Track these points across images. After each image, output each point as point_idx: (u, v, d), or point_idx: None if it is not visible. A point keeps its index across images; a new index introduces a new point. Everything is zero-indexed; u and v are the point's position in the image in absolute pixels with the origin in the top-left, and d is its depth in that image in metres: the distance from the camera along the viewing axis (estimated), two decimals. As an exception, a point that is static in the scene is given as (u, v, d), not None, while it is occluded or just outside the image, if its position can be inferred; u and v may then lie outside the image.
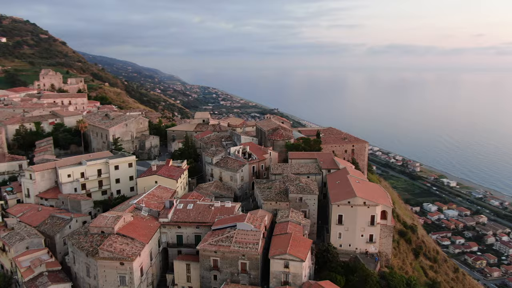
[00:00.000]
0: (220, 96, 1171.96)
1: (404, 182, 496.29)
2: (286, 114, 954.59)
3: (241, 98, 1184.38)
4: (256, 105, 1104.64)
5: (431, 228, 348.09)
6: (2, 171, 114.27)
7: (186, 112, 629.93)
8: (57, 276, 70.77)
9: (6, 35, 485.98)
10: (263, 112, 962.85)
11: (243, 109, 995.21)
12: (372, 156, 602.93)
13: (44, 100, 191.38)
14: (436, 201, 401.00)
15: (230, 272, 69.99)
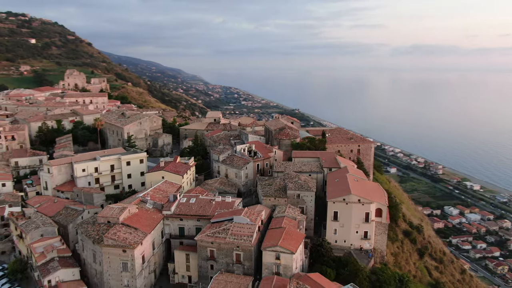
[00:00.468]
0: (242, 96, 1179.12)
1: (425, 184, 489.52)
2: (307, 115, 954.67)
3: (262, 98, 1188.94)
4: (277, 105, 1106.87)
5: (451, 232, 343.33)
6: (24, 165, 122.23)
7: (207, 111, 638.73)
8: (67, 261, 76.67)
9: (35, 36, 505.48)
10: (284, 112, 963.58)
11: (264, 109, 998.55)
12: (393, 158, 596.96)
13: (67, 99, 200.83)
14: (458, 205, 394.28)
15: (225, 262, 74.21)
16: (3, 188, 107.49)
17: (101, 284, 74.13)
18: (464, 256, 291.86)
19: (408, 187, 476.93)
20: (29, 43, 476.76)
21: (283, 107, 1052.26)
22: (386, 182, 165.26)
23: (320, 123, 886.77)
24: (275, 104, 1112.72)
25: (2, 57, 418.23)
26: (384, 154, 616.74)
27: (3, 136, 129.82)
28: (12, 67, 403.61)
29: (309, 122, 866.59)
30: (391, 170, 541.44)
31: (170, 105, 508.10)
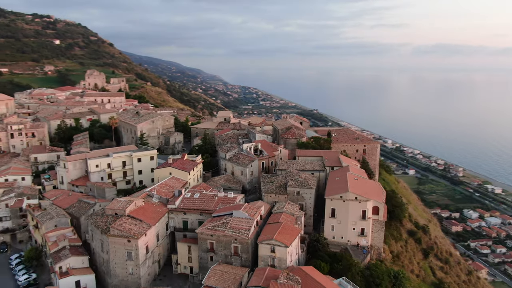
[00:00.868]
0: (260, 96, 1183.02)
1: (444, 187, 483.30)
2: (325, 115, 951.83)
3: (281, 98, 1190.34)
4: (295, 105, 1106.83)
5: (470, 235, 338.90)
6: (42, 161, 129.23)
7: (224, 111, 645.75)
8: (77, 250, 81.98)
9: (59, 37, 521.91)
10: (302, 112, 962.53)
11: (282, 109, 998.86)
12: (412, 159, 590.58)
13: (86, 98, 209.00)
14: (478, 208, 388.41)
15: (224, 254, 78.10)
16: (22, 181, 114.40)
17: (108, 272, 79.15)
18: (482, 260, 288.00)
19: (426, 190, 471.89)
20: (53, 44, 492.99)
21: (302, 107, 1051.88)
22: (394, 183, 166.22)
23: (338, 124, 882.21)
24: (294, 104, 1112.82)
25: (28, 57, 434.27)
26: (402, 155, 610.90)
27: (24, 133, 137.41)
28: (37, 67, 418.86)
29: (327, 123, 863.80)
30: (409, 172, 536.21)
31: (189, 105, 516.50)
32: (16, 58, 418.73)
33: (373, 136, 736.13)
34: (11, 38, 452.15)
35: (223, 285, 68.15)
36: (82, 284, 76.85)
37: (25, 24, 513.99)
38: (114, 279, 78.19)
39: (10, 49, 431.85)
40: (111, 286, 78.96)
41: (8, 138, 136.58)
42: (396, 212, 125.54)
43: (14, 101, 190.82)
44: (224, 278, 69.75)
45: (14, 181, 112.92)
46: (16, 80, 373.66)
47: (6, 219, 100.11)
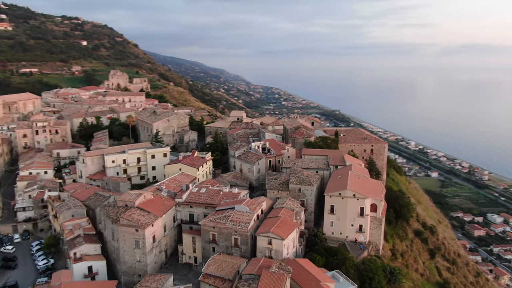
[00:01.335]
0: (282, 97, 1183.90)
1: (468, 190, 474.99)
2: (347, 116, 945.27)
3: (303, 99, 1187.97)
4: (317, 106, 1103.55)
5: (493, 240, 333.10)
6: (64, 156, 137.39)
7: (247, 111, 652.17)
8: (91, 238, 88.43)
9: (87, 38, 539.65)
10: (324, 113, 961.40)
11: (304, 110, 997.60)
12: (435, 162, 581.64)
13: (108, 97, 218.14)
14: (503, 212, 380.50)
15: (225, 246, 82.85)
16: (45, 175, 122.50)
17: (118, 259, 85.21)
18: (505, 265, 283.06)
19: (449, 193, 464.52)
20: (81, 45, 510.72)
21: (324, 108, 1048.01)
22: (405, 183, 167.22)
23: (360, 125, 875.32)
24: (316, 104, 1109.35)
25: (57, 58, 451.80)
26: (426, 157, 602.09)
27: (47, 130, 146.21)
28: (65, 67, 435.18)
29: (349, 124, 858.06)
30: (432, 174, 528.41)
31: (210, 105, 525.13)
32: (45, 58, 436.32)
33: (395, 137, 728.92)
34: (41, 40, 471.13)
35: (221, 273, 72.89)
36: (94, 270, 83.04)
37: (54, 26, 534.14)
38: (123, 265, 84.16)
39: (40, 50, 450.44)
40: (120, 272, 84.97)
41: (33, 135, 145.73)
42: (402, 212, 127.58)
43: (41, 100, 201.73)
44: (222, 267, 74.48)
45: (37, 174, 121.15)
46: (45, 80, 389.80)
47: (29, 209, 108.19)
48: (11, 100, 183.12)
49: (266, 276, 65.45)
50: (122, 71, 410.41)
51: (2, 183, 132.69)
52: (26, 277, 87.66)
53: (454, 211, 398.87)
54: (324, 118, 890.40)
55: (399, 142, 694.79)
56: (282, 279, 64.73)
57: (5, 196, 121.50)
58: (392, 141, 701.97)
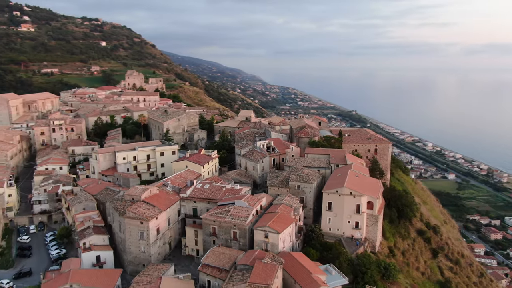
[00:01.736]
0: (299, 97, 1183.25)
1: (486, 193, 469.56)
2: (364, 117, 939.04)
3: (320, 99, 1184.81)
4: (334, 106, 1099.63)
5: (510, 244, 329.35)
6: (79, 153, 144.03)
7: (262, 111, 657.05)
8: (100, 229, 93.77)
9: (106, 39, 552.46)
10: (341, 113, 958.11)
11: (320, 110, 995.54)
12: (452, 163, 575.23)
13: (123, 97, 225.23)
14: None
15: (225, 239, 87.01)
16: (60, 170, 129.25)
17: (124, 249, 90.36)
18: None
19: (466, 195, 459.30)
20: (100, 46, 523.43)
21: (340, 108, 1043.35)
22: (410, 183, 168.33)
23: (377, 126, 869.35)
24: (332, 105, 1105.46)
25: (77, 58, 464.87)
26: (443, 159, 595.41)
27: (64, 128, 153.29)
28: (84, 67, 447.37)
29: (366, 124, 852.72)
30: (449, 176, 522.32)
31: (225, 104, 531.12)
32: (66, 59, 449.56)
33: (412, 138, 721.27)
34: (62, 41, 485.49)
35: (218, 263, 77.08)
36: (101, 259, 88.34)
37: (75, 27, 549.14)
38: (129, 255, 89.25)
39: (61, 50, 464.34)
40: (126, 262, 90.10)
41: (50, 132, 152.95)
42: (405, 211, 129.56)
43: (59, 99, 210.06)
44: (220, 258, 78.65)
45: (53, 169, 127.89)
46: (65, 79, 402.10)
47: (44, 202, 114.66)
48: (31, 99, 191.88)
49: (258, 267, 69.30)
50: (139, 71, 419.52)
51: (20, 177, 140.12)
52: (40, 265, 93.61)
53: (470, 214, 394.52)
54: (340, 119, 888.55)
55: (416, 144, 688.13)
56: (274, 270, 68.45)
57: (23, 190, 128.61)
58: (408, 142, 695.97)
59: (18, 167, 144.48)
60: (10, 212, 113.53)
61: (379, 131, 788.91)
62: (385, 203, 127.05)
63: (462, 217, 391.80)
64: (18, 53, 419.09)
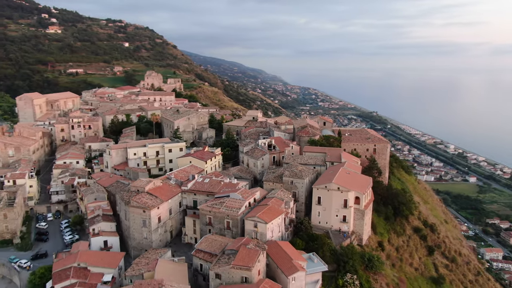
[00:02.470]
0: (319, 97, 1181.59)
1: (508, 196, 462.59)
2: (385, 118, 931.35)
3: (340, 100, 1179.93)
4: (355, 107, 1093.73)
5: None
6: (95, 149, 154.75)
7: (281, 112, 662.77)
8: (108, 217, 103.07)
9: (129, 40, 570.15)
10: (361, 114, 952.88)
11: (340, 111, 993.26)
12: (474, 166, 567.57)
13: (140, 97, 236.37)
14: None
15: (219, 228, 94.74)
16: (77, 164, 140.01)
17: (129, 236, 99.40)
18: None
19: (487, 199, 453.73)
20: (123, 47, 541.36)
21: (361, 109, 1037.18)
22: (412, 183, 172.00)
23: (398, 127, 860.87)
24: (353, 106, 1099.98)
25: (100, 59, 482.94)
26: (464, 161, 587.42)
27: (82, 125, 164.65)
28: (107, 68, 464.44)
29: (386, 126, 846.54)
30: (470, 179, 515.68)
31: (244, 105, 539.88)
32: (90, 59, 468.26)
33: (434, 140, 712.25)
34: (87, 42, 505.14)
35: (210, 249, 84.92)
36: (109, 244, 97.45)
37: (99, 28, 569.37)
38: (133, 241, 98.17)
39: (85, 51, 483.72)
40: (131, 247, 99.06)
41: (69, 129, 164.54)
42: (401, 209, 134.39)
43: (80, 98, 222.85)
44: (212, 244, 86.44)
45: (70, 163, 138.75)
46: (89, 79, 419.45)
47: (61, 193, 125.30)
48: (54, 98, 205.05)
49: (243, 251, 76.66)
50: (160, 71, 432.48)
51: (41, 170, 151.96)
52: (55, 248, 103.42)
53: (490, 218, 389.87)
54: (360, 120, 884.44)
55: (437, 146, 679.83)
56: (256, 254, 75.64)
57: (43, 181, 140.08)
58: (430, 144, 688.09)
59: (40, 161, 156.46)
60: (30, 201, 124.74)
61: (399, 133, 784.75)
62: (382, 200, 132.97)
63: (481, 220, 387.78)
64: (45, 54, 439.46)
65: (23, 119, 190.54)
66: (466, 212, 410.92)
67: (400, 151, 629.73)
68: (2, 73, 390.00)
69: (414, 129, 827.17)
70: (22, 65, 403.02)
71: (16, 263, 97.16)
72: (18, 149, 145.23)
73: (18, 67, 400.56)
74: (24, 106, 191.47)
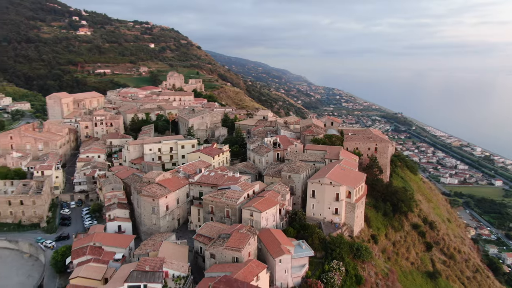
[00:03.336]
0: (344, 98, 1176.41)
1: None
2: (410, 119, 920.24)
3: (365, 101, 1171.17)
4: (379, 108, 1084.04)
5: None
6: (115, 145, 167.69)
7: (304, 112, 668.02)
8: (123, 205, 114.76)
9: (154, 41, 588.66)
10: (385, 115, 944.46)
11: (364, 112, 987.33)
12: (501, 170, 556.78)
13: (161, 96, 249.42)
14: None
15: (220, 216, 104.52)
16: (98, 158, 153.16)
17: (140, 222, 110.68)
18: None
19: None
20: (149, 48, 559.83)
21: (386, 110, 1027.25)
22: (417, 182, 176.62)
23: (423, 128, 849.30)
24: (378, 106, 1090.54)
25: (127, 59, 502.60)
26: (491, 165, 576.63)
27: (104, 123, 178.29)
28: (133, 68, 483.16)
29: (411, 127, 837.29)
30: (496, 183, 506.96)
31: (265, 105, 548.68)
32: (117, 60, 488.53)
33: (460, 142, 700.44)
34: (115, 43, 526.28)
35: (209, 234, 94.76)
36: (122, 228, 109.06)
37: (127, 30, 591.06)
38: (144, 227, 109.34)
39: (113, 52, 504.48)
40: (141, 232, 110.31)
41: (93, 126, 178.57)
42: (399, 206, 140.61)
43: (104, 98, 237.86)
44: (211, 230, 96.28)
45: (92, 157, 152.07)
46: (116, 79, 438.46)
47: (83, 184, 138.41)
48: (80, 97, 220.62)
49: (235, 235, 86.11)
50: (184, 72, 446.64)
51: (67, 163, 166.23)
52: (76, 231, 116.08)
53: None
54: (384, 121, 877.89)
55: (463, 148, 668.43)
56: (247, 238, 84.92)
57: (68, 173, 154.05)
58: (455, 146, 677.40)
59: (66, 154, 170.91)
60: (56, 190, 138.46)
61: (424, 134, 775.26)
62: (381, 197, 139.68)
63: (504, 225, 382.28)
64: (75, 55, 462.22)
65: (52, 116, 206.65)
66: (490, 216, 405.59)
67: (424, 153, 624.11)
68: (35, 73, 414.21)
69: (440, 131, 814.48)
70: (53, 66, 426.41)
71: (42, 243, 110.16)
72: (46, 143, 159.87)
73: (50, 67, 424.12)
74: (53, 104, 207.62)
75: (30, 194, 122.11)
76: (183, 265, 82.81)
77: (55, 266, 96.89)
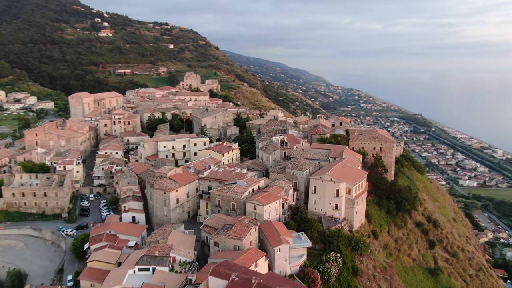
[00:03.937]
0: (362, 99, 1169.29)
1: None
2: (429, 120, 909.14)
3: (384, 101, 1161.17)
4: (398, 109, 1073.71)
5: None
6: (132, 142, 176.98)
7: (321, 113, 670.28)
8: (137, 198, 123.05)
9: (173, 42, 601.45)
10: (404, 116, 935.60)
11: (382, 113, 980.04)
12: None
13: (177, 96, 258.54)
14: None
15: (226, 209, 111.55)
16: (116, 155, 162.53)
17: (153, 213, 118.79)
18: None
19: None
20: (168, 48, 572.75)
21: (405, 111, 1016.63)
22: (423, 182, 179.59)
23: (443, 130, 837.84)
24: (397, 108, 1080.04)
25: (147, 60, 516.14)
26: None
27: (122, 121, 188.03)
28: (153, 68, 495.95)
29: (430, 128, 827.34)
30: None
31: (282, 105, 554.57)
32: (137, 61, 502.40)
33: (481, 144, 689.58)
34: (135, 44, 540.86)
35: (215, 225, 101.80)
36: (136, 219, 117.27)
37: (147, 31, 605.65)
38: (155, 218, 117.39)
39: (133, 53, 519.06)
40: (154, 223, 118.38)
41: (112, 125, 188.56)
42: (403, 204, 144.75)
43: (123, 97, 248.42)
44: (217, 221, 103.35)
45: (110, 154, 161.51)
46: (136, 80, 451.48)
47: (101, 178, 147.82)
48: (100, 97, 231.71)
49: (238, 225, 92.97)
50: (201, 72, 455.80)
51: (87, 159, 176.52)
52: (94, 221, 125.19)
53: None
54: (403, 122, 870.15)
55: (484, 150, 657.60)
56: (248, 228, 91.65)
57: (88, 168, 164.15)
58: (476, 148, 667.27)
59: (86, 151, 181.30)
60: (77, 184, 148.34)
61: (444, 136, 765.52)
62: (385, 195, 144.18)
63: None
64: (97, 56, 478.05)
65: (74, 115, 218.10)
66: (509, 219, 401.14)
67: (442, 155, 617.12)
68: (59, 74, 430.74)
69: (460, 133, 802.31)
70: (76, 66, 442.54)
71: (63, 232, 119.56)
72: (68, 140, 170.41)
73: (73, 68, 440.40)
74: (75, 103, 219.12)
75: (53, 186, 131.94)
76: (189, 251, 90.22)
77: (74, 252, 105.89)
